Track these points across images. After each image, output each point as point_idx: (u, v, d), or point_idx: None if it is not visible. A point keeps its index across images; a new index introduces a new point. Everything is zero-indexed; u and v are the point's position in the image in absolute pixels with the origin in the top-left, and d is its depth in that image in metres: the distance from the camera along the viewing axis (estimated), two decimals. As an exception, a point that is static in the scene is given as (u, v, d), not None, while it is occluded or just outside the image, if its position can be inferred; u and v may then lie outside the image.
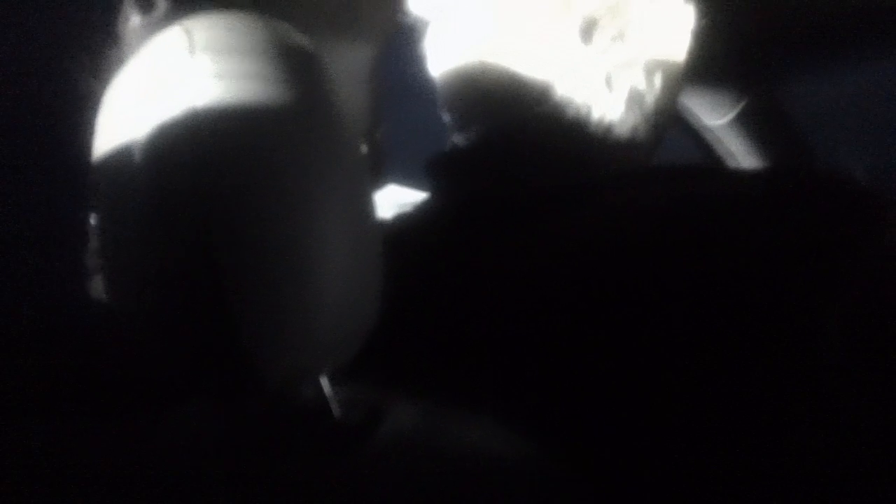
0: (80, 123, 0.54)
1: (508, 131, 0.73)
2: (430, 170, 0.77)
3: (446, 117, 0.78)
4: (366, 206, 0.54)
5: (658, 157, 0.79)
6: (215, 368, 0.50)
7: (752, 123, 1.28)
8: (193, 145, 0.47)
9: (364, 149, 0.89)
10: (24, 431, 0.59)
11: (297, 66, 0.51)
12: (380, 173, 1.08)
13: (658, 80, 0.73)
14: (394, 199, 1.11)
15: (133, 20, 0.72)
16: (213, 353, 0.49)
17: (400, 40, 0.78)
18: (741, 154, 1.33)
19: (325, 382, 0.53)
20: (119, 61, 0.53)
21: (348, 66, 0.78)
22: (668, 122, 0.77)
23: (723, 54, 1.21)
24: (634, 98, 0.73)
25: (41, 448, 0.57)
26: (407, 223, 0.77)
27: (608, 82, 0.72)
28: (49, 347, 0.78)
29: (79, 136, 0.54)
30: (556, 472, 0.54)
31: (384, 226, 0.75)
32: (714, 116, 1.32)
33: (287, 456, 0.53)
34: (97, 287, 0.66)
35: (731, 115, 1.30)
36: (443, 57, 0.76)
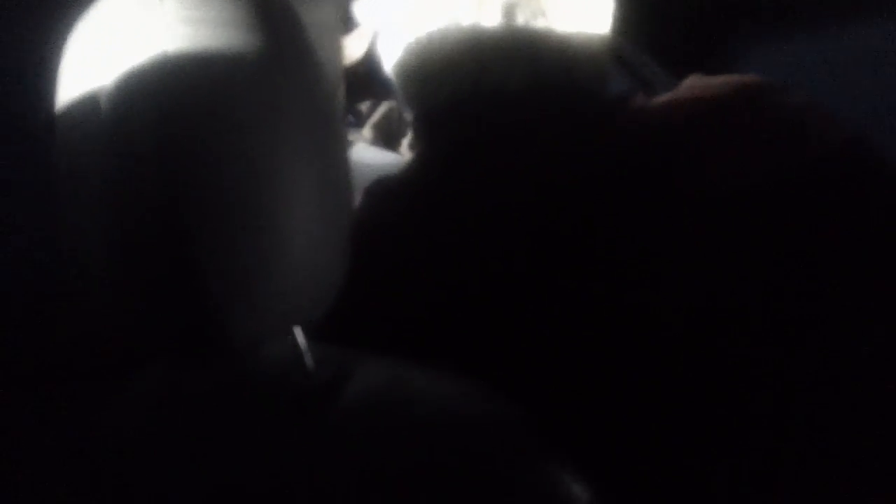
0: (42, 72, 0.53)
1: (457, 101, 0.74)
2: (418, 125, 0.79)
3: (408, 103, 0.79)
4: (337, 159, 0.53)
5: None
6: (183, 326, 0.49)
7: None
8: (161, 93, 0.46)
9: (339, 97, 0.88)
10: None
11: (267, 13, 0.49)
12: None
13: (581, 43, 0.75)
14: (364, 159, 1.09)
15: None
16: (181, 310, 0.48)
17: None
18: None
19: (299, 335, 0.53)
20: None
21: (317, 14, 0.77)
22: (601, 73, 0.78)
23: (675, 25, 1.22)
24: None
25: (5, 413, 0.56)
26: (388, 185, 0.77)
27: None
28: (10, 308, 0.76)
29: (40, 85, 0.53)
30: (522, 427, 0.55)
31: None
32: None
33: (256, 413, 0.52)
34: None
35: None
36: (393, 54, 0.78)
